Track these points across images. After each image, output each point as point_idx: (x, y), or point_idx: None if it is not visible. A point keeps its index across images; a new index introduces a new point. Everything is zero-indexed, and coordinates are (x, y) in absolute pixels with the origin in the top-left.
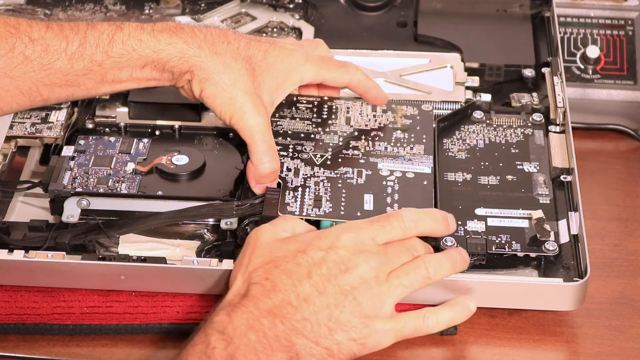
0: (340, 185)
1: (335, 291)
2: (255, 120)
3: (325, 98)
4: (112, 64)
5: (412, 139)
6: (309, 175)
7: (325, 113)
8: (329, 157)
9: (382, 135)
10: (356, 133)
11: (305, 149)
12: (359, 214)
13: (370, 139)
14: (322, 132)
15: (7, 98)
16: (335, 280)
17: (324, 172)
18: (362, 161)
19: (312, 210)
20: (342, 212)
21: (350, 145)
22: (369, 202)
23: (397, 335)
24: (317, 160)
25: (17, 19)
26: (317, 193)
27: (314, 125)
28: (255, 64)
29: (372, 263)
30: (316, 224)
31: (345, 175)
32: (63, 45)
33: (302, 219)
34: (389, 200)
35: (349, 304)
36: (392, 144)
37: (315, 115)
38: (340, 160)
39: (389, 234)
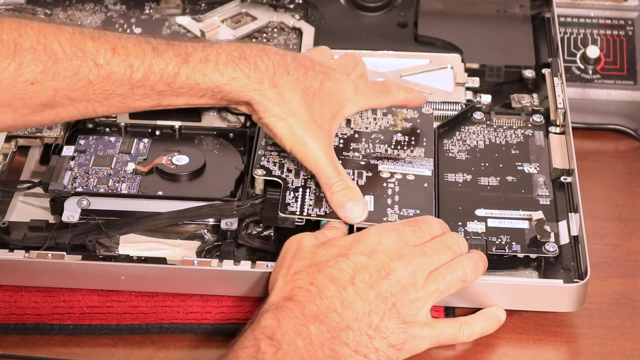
0: None
1: (377, 297)
2: (316, 147)
3: None
4: (171, 93)
5: (413, 142)
6: (309, 176)
7: None
8: None
9: (382, 137)
10: (357, 135)
11: None
12: None
13: (370, 141)
14: None
15: (62, 114)
16: (377, 287)
17: None
18: (362, 163)
19: (312, 210)
20: None
21: (351, 147)
22: (369, 203)
23: (432, 341)
24: None
25: (83, 36)
26: (317, 193)
27: None
28: (313, 95)
29: (410, 268)
30: (317, 224)
31: None
32: (127, 73)
33: (301, 219)
34: (389, 201)
35: (388, 310)
36: (392, 147)
37: None
38: (340, 162)
39: (419, 237)
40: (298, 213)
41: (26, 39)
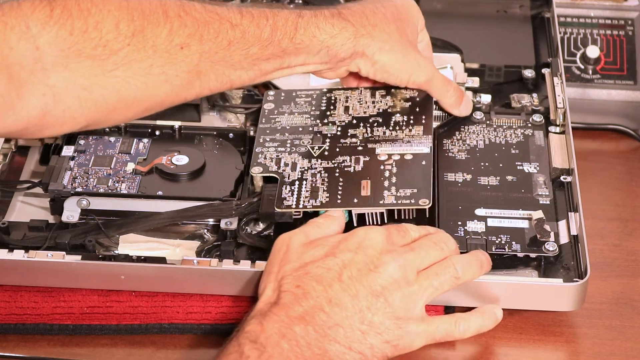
0: (337, 174)
1: (367, 293)
2: (428, 64)
3: (325, 90)
4: (293, 50)
5: (412, 121)
6: (306, 168)
7: (323, 105)
8: (327, 147)
9: (380, 120)
10: (355, 121)
11: (303, 142)
12: (355, 200)
13: (368, 125)
14: (320, 124)
15: (204, 83)
16: (365, 281)
17: (321, 163)
18: (360, 148)
19: (308, 202)
20: (338, 201)
21: (349, 134)
22: (366, 187)
23: (428, 338)
24: (314, 152)
25: (211, 4)
26: (313, 184)
27: (312, 118)
28: (397, 20)
29: (400, 261)
30: (314, 215)
31: (342, 164)
32: (257, 32)
33: (298, 211)
34: (386, 184)
35: (381, 305)
36: (390, 128)
37: (313, 108)
38: (338, 149)
39: (403, 239)
40: (294, 206)
41: (171, 9)
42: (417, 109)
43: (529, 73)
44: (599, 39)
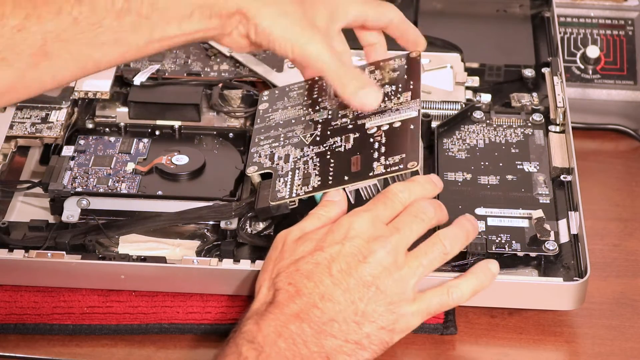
0: (328, 156)
1: (358, 284)
2: (315, 45)
3: (316, 78)
4: (160, 18)
5: (400, 89)
6: (298, 157)
7: (315, 93)
8: (318, 133)
9: None
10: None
11: (295, 133)
12: (346, 177)
13: None
14: (312, 112)
15: (59, 64)
16: (355, 273)
17: (312, 150)
18: (350, 127)
19: (301, 190)
20: (329, 182)
21: (339, 115)
22: (356, 163)
23: (423, 314)
24: (306, 140)
25: None
26: (305, 171)
27: (304, 108)
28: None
29: (388, 247)
30: (310, 202)
31: (333, 146)
32: (109, 4)
33: (293, 200)
34: (375, 155)
35: (372, 294)
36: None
37: (305, 98)
38: (329, 132)
39: (392, 210)
40: (287, 196)
41: None
42: (405, 76)
43: (529, 72)
44: (599, 39)
